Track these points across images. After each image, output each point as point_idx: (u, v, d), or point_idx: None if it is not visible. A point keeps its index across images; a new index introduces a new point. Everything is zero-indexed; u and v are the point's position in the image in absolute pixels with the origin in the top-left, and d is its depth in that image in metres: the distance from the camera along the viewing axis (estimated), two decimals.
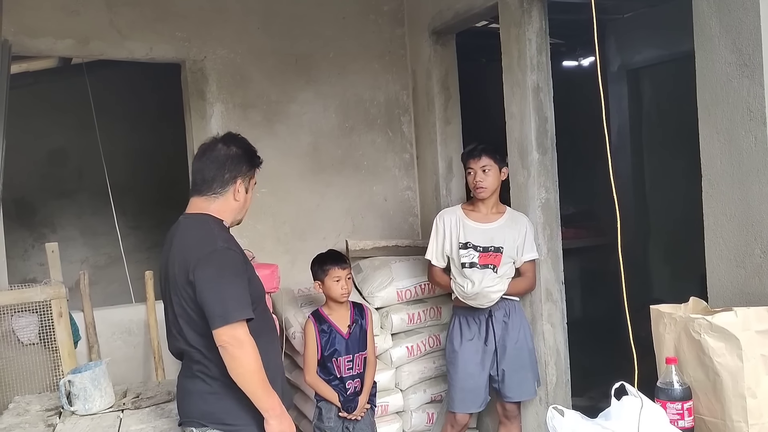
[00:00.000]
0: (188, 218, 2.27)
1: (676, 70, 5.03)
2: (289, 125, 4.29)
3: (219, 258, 2.12)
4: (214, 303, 2.08)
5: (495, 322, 3.36)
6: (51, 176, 6.41)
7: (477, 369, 3.37)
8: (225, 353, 2.07)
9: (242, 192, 2.29)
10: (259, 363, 2.10)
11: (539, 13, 3.45)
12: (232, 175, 2.26)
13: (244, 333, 2.07)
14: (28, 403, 2.99)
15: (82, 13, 3.76)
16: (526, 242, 3.37)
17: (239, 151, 2.29)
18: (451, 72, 4.37)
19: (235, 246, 2.22)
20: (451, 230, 3.41)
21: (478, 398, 3.39)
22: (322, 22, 4.36)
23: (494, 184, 3.34)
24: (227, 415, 2.21)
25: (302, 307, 3.80)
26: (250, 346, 2.08)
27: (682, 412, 1.92)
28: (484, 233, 3.35)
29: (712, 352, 1.92)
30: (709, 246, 2.46)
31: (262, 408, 2.14)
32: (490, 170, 3.32)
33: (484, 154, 3.32)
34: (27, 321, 3.43)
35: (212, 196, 2.26)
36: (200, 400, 2.24)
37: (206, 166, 2.26)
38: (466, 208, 3.48)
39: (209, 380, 2.21)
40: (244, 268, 2.19)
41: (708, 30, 2.38)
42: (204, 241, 2.16)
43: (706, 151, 2.44)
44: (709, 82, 2.40)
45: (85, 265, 6.14)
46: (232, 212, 2.30)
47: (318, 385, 3.29)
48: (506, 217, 3.42)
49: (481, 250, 3.30)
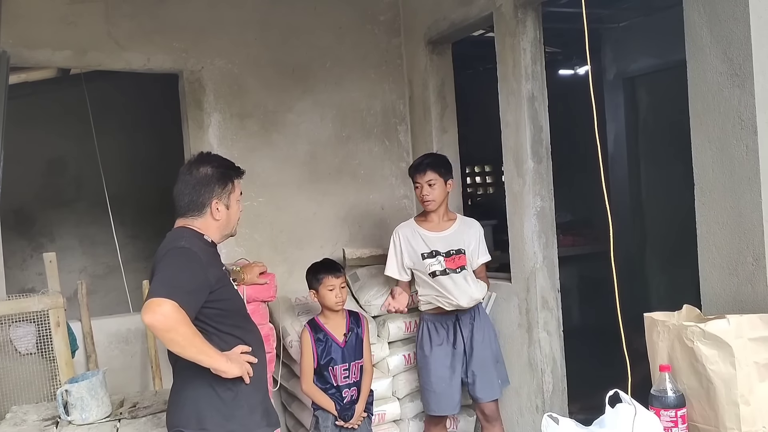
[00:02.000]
0: (169, 233, 2.33)
1: (672, 78, 5.05)
2: (286, 134, 4.31)
3: (174, 252, 2.16)
4: (152, 285, 2.09)
5: (462, 326, 3.46)
6: (50, 186, 6.44)
7: (448, 372, 3.46)
8: (154, 331, 2.06)
9: (222, 210, 2.32)
10: (192, 330, 2.06)
11: (534, 23, 3.48)
12: (207, 198, 2.30)
13: (169, 307, 1.99)
14: (26, 413, 2.99)
15: (79, 25, 3.78)
16: (480, 246, 3.51)
17: (210, 171, 2.32)
18: (447, 81, 4.40)
19: (199, 249, 2.22)
20: (408, 242, 3.51)
21: (452, 401, 3.48)
22: (319, 32, 4.39)
23: (441, 196, 3.45)
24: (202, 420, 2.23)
25: (299, 316, 3.81)
26: (174, 318, 2.01)
27: (676, 420, 1.93)
28: (442, 240, 3.46)
29: (705, 359, 1.93)
30: (702, 254, 2.47)
31: (211, 368, 2.13)
32: (435, 183, 3.42)
33: (428, 169, 3.43)
34: (25, 331, 3.43)
35: (191, 217, 2.31)
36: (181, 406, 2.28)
37: (181, 192, 2.32)
38: (420, 219, 3.58)
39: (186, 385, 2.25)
40: (200, 269, 2.17)
41: (699, 40, 2.40)
42: (169, 244, 2.21)
43: (699, 160, 2.45)
44: (700, 92, 2.41)
45: (83, 275, 6.14)
46: (216, 229, 2.34)
47: (314, 393, 3.30)
48: (458, 222, 3.54)
49: (445, 255, 3.41)
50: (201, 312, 2.15)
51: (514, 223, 3.64)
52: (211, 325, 2.21)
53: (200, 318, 2.15)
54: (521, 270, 3.59)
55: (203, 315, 2.17)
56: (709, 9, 2.34)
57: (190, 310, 2.06)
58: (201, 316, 2.15)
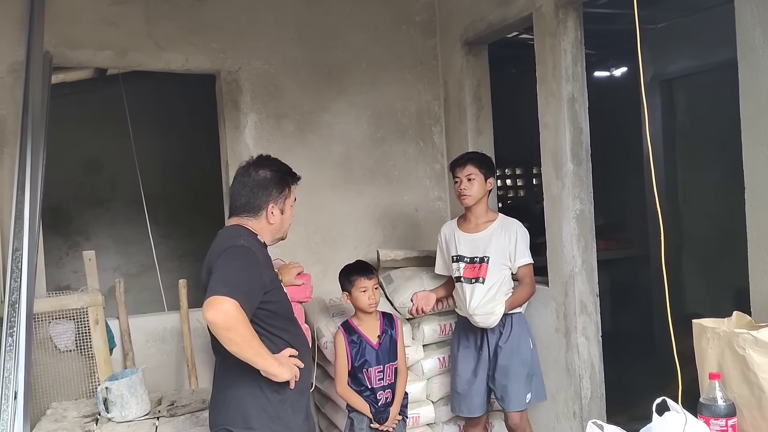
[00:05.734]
0: (223, 230, 2.35)
1: (711, 80, 4.97)
2: (322, 135, 4.32)
3: (234, 251, 2.16)
4: (212, 282, 2.07)
5: (490, 333, 3.40)
6: (86, 185, 6.52)
7: (471, 376, 3.46)
8: (214, 329, 2.03)
9: (277, 214, 2.34)
10: (251, 331, 2.06)
11: (575, 23, 3.43)
12: (264, 201, 2.32)
13: (231, 306, 2.00)
14: (65, 410, 3.04)
15: (120, 26, 3.83)
16: (518, 247, 3.36)
17: (269, 175, 2.34)
18: (483, 82, 4.37)
19: (257, 249, 2.23)
20: (447, 243, 3.52)
21: (472, 404, 3.47)
22: (355, 32, 4.39)
23: (479, 193, 3.38)
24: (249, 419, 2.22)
25: (334, 317, 3.80)
26: (235, 318, 2.01)
27: (726, 429, 1.88)
28: (472, 242, 3.41)
29: (757, 367, 1.88)
30: (752, 259, 2.41)
31: (262, 370, 2.13)
32: (474, 179, 3.36)
33: (469, 163, 3.39)
34: (64, 328, 3.47)
35: (246, 217, 2.33)
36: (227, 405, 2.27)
37: (238, 192, 2.34)
38: (460, 220, 3.54)
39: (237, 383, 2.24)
40: (258, 269, 2.18)
41: (752, 40, 2.34)
42: (227, 241, 2.22)
43: (749, 164, 2.40)
44: (752, 94, 2.36)
45: (117, 273, 6.21)
46: (269, 233, 2.37)
47: (349, 395, 3.29)
48: (496, 224, 3.43)
49: (467, 261, 3.37)
50: (254, 313, 2.15)
51: (552, 226, 3.59)
52: (263, 327, 2.21)
53: (252, 319, 2.14)
54: (559, 274, 3.54)
55: (255, 316, 2.16)
56: (762, 9, 2.29)
57: (249, 310, 2.07)
58: (253, 317, 2.15)
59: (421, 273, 4.00)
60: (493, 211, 3.52)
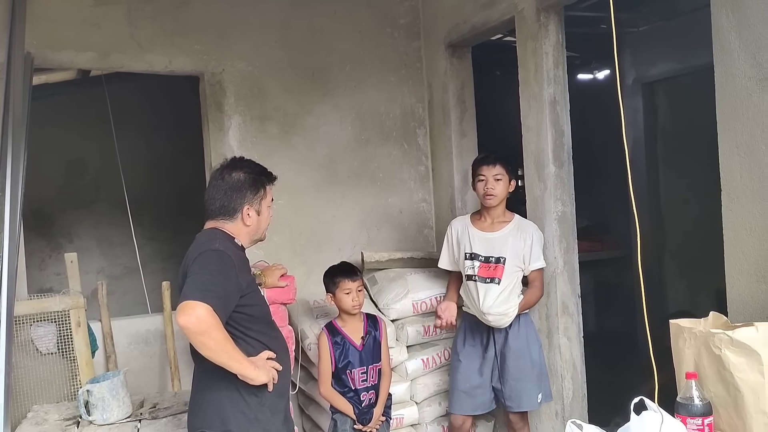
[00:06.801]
0: (200, 233, 2.34)
1: (692, 83, 5.02)
2: (306, 137, 4.32)
3: (208, 255, 2.15)
4: (186, 287, 2.07)
5: (496, 332, 3.38)
6: (69, 187, 6.46)
7: (475, 375, 3.42)
8: (187, 333, 2.02)
9: (253, 216, 2.33)
10: (224, 335, 2.05)
11: (556, 26, 3.46)
12: (239, 203, 2.31)
13: (203, 310, 1.98)
14: (47, 413, 3.02)
15: (103, 27, 3.81)
16: (533, 250, 3.35)
17: (242, 177, 2.33)
18: (467, 85, 4.39)
19: (233, 252, 2.22)
20: (458, 239, 3.47)
21: (474, 401, 3.43)
22: (339, 35, 4.40)
23: (503, 193, 3.36)
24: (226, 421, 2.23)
25: (318, 319, 3.81)
26: (208, 323, 2.00)
27: (703, 428, 1.90)
28: (487, 242, 3.37)
29: (733, 367, 1.91)
30: (729, 260, 2.44)
31: (238, 374, 2.13)
32: (501, 179, 3.33)
33: (499, 163, 3.34)
34: (45, 330, 3.45)
35: (222, 220, 2.32)
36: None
37: (212, 196, 2.33)
38: (474, 217, 3.50)
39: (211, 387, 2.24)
40: (233, 273, 2.17)
41: (727, 44, 2.38)
42: (203, 245, 2.21)
43: (726, 166, 2.43)
44: (728, 97, 2.39)
45: (100, 276, 6.16)
46: (246, 234, 2.35)
47: (332, 397, 3.29)
48: (513, 225, 3.41)
49: (482, 260, 3.33)
50: (230, 316, 2.15)
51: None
52: (240, 330, 2.20)
53: (229, 322, 2.14)
54: None
55: (232, 319, 2.16)
56: (738, 13, 2.32)
57: (223, 315, 2.06)
58: (230, 321, 2.15)
59: (406, 274, 4.03)
60: (509, 212, 3.47)
